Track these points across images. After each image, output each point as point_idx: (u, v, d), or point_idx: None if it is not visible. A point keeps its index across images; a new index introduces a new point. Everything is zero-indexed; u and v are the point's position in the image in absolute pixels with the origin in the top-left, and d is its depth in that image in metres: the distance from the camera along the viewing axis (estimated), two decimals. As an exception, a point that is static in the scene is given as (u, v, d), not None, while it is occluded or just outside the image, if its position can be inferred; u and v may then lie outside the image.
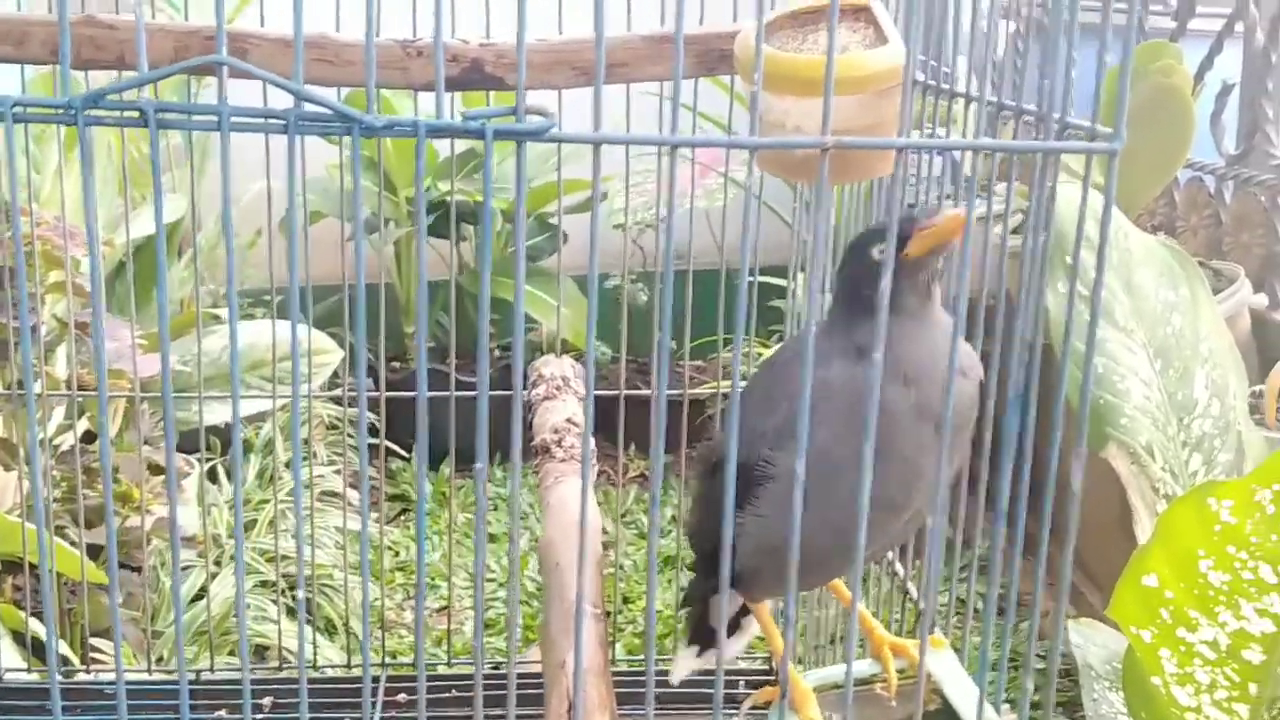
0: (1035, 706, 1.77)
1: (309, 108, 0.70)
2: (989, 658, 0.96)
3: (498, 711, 1.01)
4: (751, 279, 1.81)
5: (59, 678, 1.80)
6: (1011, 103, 0.91)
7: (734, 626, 1.23)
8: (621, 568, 2.81)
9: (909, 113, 1.08)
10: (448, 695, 1.71)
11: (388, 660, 1.94)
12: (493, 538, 3.05)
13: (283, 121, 0.70)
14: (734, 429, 0.82)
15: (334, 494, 2.79)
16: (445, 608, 2.66)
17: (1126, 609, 1.28)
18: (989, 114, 1.01)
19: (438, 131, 0.70)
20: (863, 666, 1.07)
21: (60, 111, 0.68)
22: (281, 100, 0.72)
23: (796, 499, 0.78)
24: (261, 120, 0.70)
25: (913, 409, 0.94)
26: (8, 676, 1.75)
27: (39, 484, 0.82)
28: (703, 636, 1.20)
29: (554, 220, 3.36)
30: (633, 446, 3.26)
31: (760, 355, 3.01)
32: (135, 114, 0.69)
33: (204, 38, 1.22)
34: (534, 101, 0.74)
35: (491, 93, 1.32)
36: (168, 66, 0.69)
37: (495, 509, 3.19)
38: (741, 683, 1.71)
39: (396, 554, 2.95)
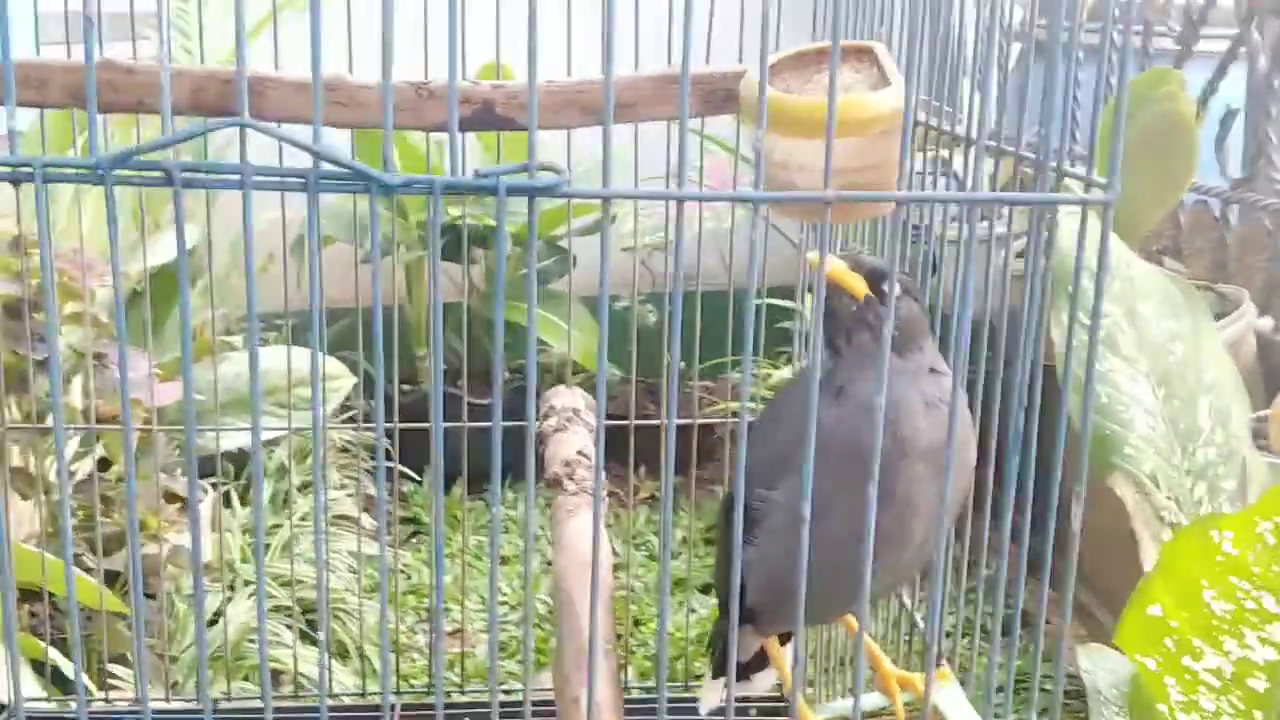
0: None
1: (327, 166, 0.72)
2: (995, 680, 0.98)
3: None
4: (759, 301, 1.83)
5: (75, 706, 1.82)
6: (1010, 148, 0.93)
7: (764, 662, 1.25)
8: (632, 590, 2.83)
9: (911, 150, 1.11)
10: (462, 723, 1.73)
11: (401, 689, 1.95)
12: (503, 560, 3.07)
13: (302, 180, 0.72)
14: (741, 464, 0.84)
15: (347, 518, 2.81)
16: (458, 631, 2.68)
17: (1132, 637, 1.29)
18: (990, 155, 1.03)
19: (452, 189, 0.73)
20: (871, 699, 1.08)
21: (88, 172, 0.71)
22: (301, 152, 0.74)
23: (803, 539, 0.80)
24: (282, 179, 0.72)
25: (893, 444, 0.96)
26: (28, 706, 1.77)
27: (67, 516, 0.84)
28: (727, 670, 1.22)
29: (563, 243, 3.39)
30: (643, 468, 3.28)
31: (769, 376, 3.03)
32: (159, 174, 0.71)
33: (221, 81, 1.24)
34: (544, 147, 0.76)
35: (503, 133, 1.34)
36: (191, 127, 0.71)
37: (506, 530, 3.21)
38: (753, 710, 1.72)
39: (408, 577, 2.96)
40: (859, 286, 1.00)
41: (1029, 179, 0.94)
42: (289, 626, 2.31)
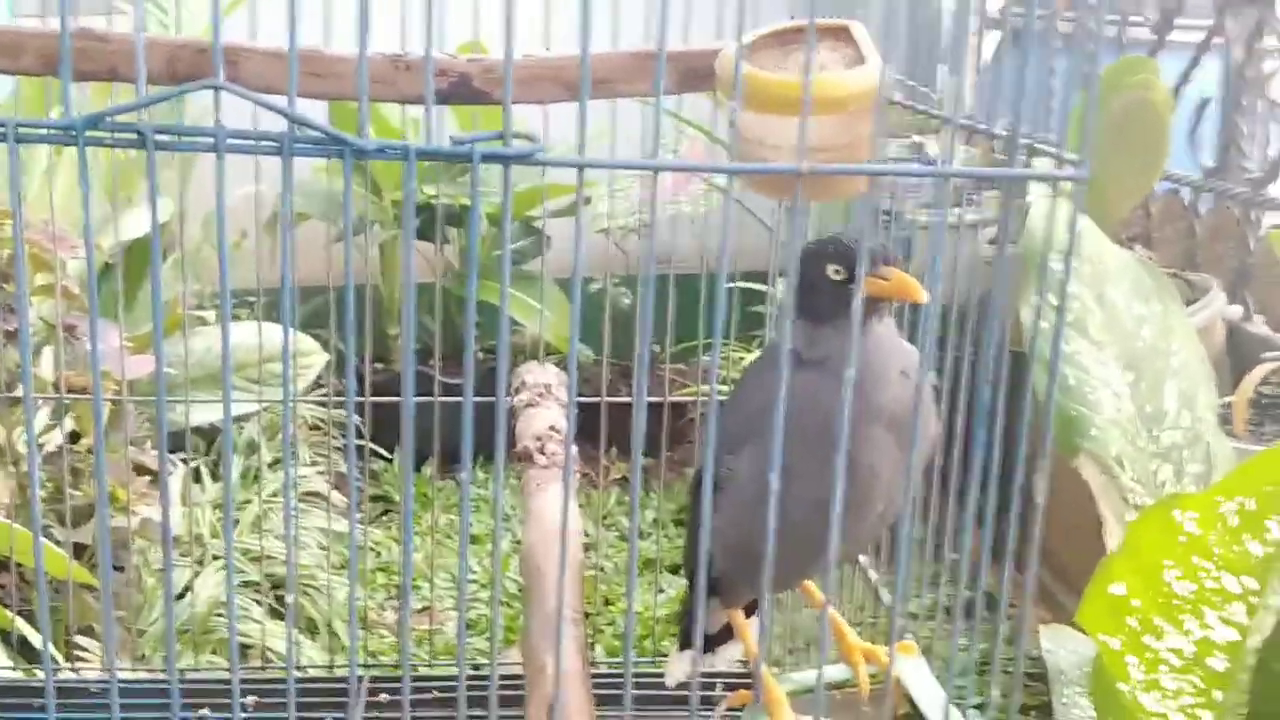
0: (1004, 710, 1.79)
1: (302, 130, 0.72)
2: (958, 661, 0.99)
3: (479, 712, 1.05)
4: (732, 284, 1.84)
5: (42, 675, 1.82)
6: (983, 125, 0.94)
7: (728, 636, 1.26)
8: (602, 570, 2.84)
9: (886, 128, 1.11)
10: (429, 696, 1.73)
11: (369, 661, 1.96)
12: (474, 539, 3.07)
13: (277, 144, 0.72)
14: (711, 439, 0.85)
15: (316, 494, 2.81)
16: (426, 608, 2.68)
17: (1094, 616, 1.30)
18: (964, 133, 1.04)
19: (427, 155, 0.73)
20: (835, 671, 1.09)
21: (61, 133, 0.71)
22: (275, 118, 0.74)
23: (771, 508, 0.80)
24: (256, 142, 0.72)
25: (860, 413, 0.96)
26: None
27: (35, 487, 0.84)
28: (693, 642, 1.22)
29: (538, 224, 3.39)
30: (614, 449, 3.28)
31: (741, 359, 3.04)
32: (133, 135, 0.71)
33: (195, 50, 1.24)
34: (521, 125, 0.76)
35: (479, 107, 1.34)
36: (165, 90, 0.71)
37: (477, 510, 3.21)
38: (719, 685, 1.73)
39: (378, 554, 2.96)
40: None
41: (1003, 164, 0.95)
42: (258, 602, 2.31)
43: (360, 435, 2.92)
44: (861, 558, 1.40)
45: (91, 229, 0.72)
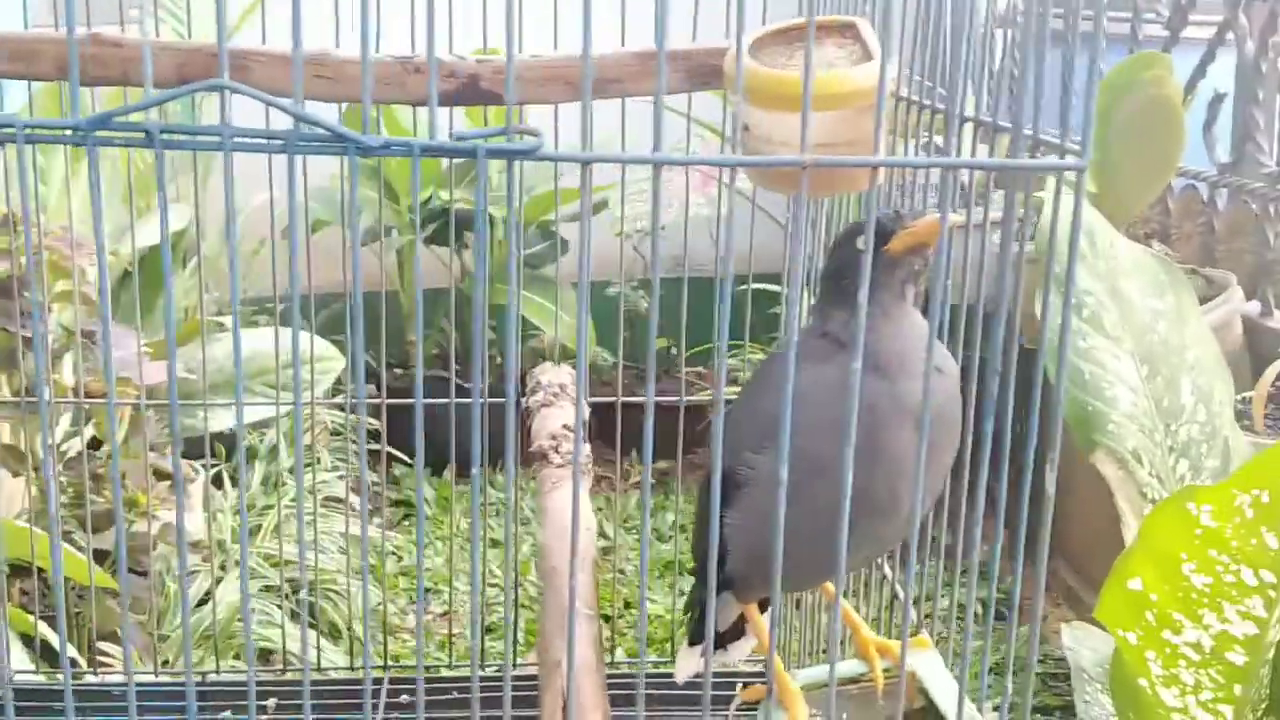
0: (1016, 708, 1.79)
1: (307, 128, 0.73)
2: (970, 658, 0.99)
3: (495, 712, 1.06)
4: (747, 286, 1.84)
5: (63, 679, 1.83)
6: (988, 118, 0.94)
7: (740, 632, 1.26)
8: (623, 572, 2.84)
9: (905, 124, 1.12)
10: (448, 697, 1.74)
11: (390, 663, 1.96)
12: (495, 543, 3.08)
13: (282, 141, 0.73)
14: (719, 434, 0.85)
15: (338, 499, 2.82)
16: (447, 612, 2.69)
17: (1113, 611, 1.30)
18: (971, 128, 1.04)
19: (431, 151, 0.73)
20: (850, 666, 1.09)
21: (69, 133, 0.72)
22: (284, 118, 0.75)
23: (780, 501, 0.80)
24: (262, 140, 0.73)
25: (891, 402, 0.96)
26: (17, 679, 1.78)
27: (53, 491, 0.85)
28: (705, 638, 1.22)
29: (554, 229, 3.40)
30: (633, 452, 3.28)
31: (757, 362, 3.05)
32: (141, 135, 0.72)
33: (206, 55, 1.25)
34: (527, 120, 0.77)
35: (489, 108, 1.35)
36: (172, 90, 0.72)
37: (497, 514, 3.21)
38: (740, 684, 1.73)
39: (400, 559, 2.97)
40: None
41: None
42: (279, 606, 2.32)
43: (378, 440, 2.92)
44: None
45: (103, 229, 0.73)
